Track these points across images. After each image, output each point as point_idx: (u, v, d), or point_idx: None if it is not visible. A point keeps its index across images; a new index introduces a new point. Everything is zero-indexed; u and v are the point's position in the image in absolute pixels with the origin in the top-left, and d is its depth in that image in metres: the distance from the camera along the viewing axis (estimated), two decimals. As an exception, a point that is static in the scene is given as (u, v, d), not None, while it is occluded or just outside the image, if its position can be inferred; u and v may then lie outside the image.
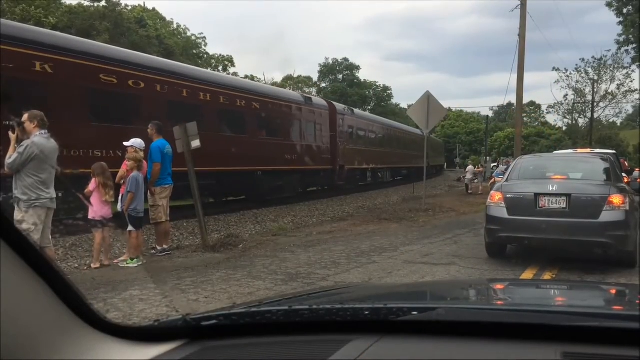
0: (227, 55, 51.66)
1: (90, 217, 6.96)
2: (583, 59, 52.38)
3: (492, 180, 18.52)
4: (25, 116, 5.54)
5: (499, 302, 1.69)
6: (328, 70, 69.53)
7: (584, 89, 50.79)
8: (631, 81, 47.30)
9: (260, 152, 15.78)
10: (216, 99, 14.17)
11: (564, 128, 61.31)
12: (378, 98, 71.91)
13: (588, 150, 16.86)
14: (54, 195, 5.63)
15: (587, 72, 49.80)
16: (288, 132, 17.92)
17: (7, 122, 5.77)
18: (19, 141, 5.48)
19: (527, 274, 6.51)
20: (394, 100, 75.66)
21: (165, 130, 8.32)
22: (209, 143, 12.48)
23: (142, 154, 7.48)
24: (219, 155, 13.56)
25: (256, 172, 15.68)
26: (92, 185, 6.96)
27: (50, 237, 5.88)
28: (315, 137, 19.48)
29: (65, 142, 6.97)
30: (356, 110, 26.26)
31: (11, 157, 5.38)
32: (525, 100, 65.83)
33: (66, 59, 10.09)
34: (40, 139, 5.46)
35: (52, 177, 5.61)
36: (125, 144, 7.47)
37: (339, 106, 22.62)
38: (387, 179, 30.29)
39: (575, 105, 53.50)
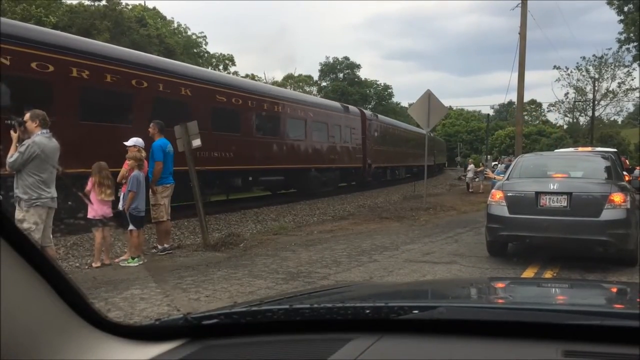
0: (228, 54, 51.78)
1: (89, 216, 6.96)
2: (584, 57, 52.25)
3: (488, 174, 18.74)
4: (27, 115, 5.54)
5: (500, 301, 1.69)
6: (328, 69, 69.52)
7: (585, 87, 50.76)
8: (632, 79, 47.31)
9: (314, 152, 19.59)
10: (285, 109, 17.74)
11: (565, 126, 61.28)
12: (379, 97, 71.90)
13: (589, 148, 16.84)
14: (55, 195, 5.63)
15: (588, 71, 49.77)
16: (333, 136, 21.31)
17: (9, 122, 5.78)
18: (20, 140, 5.49)
19: (528, 273, 6.51)
20: (394, 99, 75.77)
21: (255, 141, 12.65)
22: (282, 146, 17.35)
23: (144, 153, 7.49)
24: (288, 155, 17.54)
25: (311, 169, 19.09)
26: (89, 185, 6.97)
27: (52, 236, 5.89)
28: (351, 139, 23.05)
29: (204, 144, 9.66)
30: (380, 116, 29.72)
31: (12, 156, 5.38)
32: (526, 99, 65.88)
33: (199, 85, 13.61)
34: (41, 139, 5.47)
35: (53, 176, 5.61)
36: (126, 143, 7.47)
37: (368, 112, 26.46)
38: (402, 176, 32.74)
39: (576, 103, 53.45)
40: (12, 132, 5.54)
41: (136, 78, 11.46)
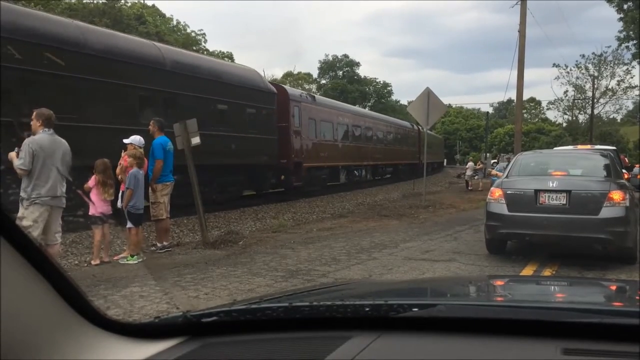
0: (227, 52, 51.63)
1: (90, 213, 6.95)
2: (583, 55, 52.19)
3: (492, 172, 18.72)
4: (33, 114, 5.56)
5: (499, 299, 1.69)
6: (328, 66, 69.48)
7: (584, 85, 50.71)
8: (631, 77, 47.30)
9: (402, 154, 33.70)
10: (396, 130, 33.38)
11: (564, 124, 61.23)
12: (378, 94, 71.84)
13: (588, 146, 16.83)
14: (59, 194, 5.59)
15: (587, 69, 49.74)
16: (408, 144, 35.78)
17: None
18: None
19: (527, 270, 6.52)
20: (394, 97, 75.65)
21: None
22: (393, 151, 31.67)
23: (141, 150, 7.48)
24: (394, 156, 31.59)
25: (401, 164, 33.51)
26: (91, 182, 6.94)
27: (57, 234, 5.82)
28: (414, 145, 36.77)
29: (342, 152, 24.09)
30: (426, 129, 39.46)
31: (19, 158, 5.39)
32: (526, 97, 65.53)
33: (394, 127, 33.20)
34: (41, 137, 5.46)
35: (54, 174, 5.54)
36: (125, 141, 7.46)
37: (420, 127, 39.25)
38: (430, 169, 41.25)
39: (576, 101, 53.45)
40: (10, 154, 5.57)
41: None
